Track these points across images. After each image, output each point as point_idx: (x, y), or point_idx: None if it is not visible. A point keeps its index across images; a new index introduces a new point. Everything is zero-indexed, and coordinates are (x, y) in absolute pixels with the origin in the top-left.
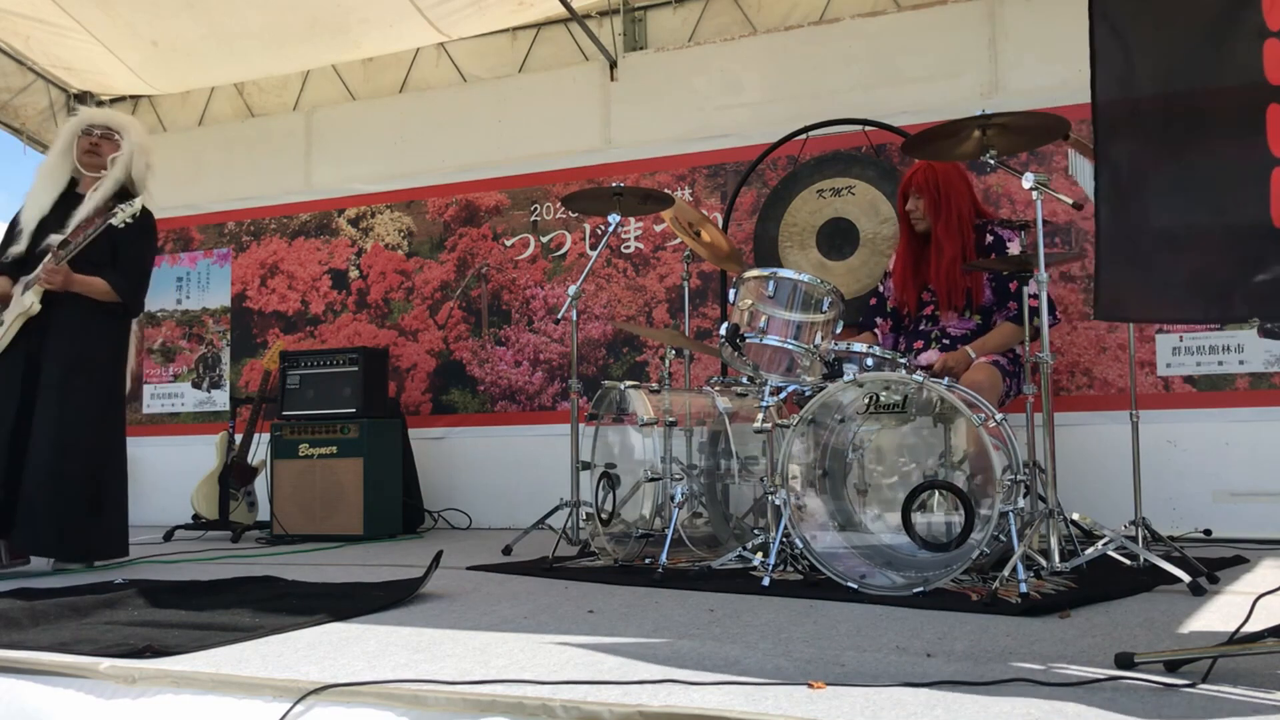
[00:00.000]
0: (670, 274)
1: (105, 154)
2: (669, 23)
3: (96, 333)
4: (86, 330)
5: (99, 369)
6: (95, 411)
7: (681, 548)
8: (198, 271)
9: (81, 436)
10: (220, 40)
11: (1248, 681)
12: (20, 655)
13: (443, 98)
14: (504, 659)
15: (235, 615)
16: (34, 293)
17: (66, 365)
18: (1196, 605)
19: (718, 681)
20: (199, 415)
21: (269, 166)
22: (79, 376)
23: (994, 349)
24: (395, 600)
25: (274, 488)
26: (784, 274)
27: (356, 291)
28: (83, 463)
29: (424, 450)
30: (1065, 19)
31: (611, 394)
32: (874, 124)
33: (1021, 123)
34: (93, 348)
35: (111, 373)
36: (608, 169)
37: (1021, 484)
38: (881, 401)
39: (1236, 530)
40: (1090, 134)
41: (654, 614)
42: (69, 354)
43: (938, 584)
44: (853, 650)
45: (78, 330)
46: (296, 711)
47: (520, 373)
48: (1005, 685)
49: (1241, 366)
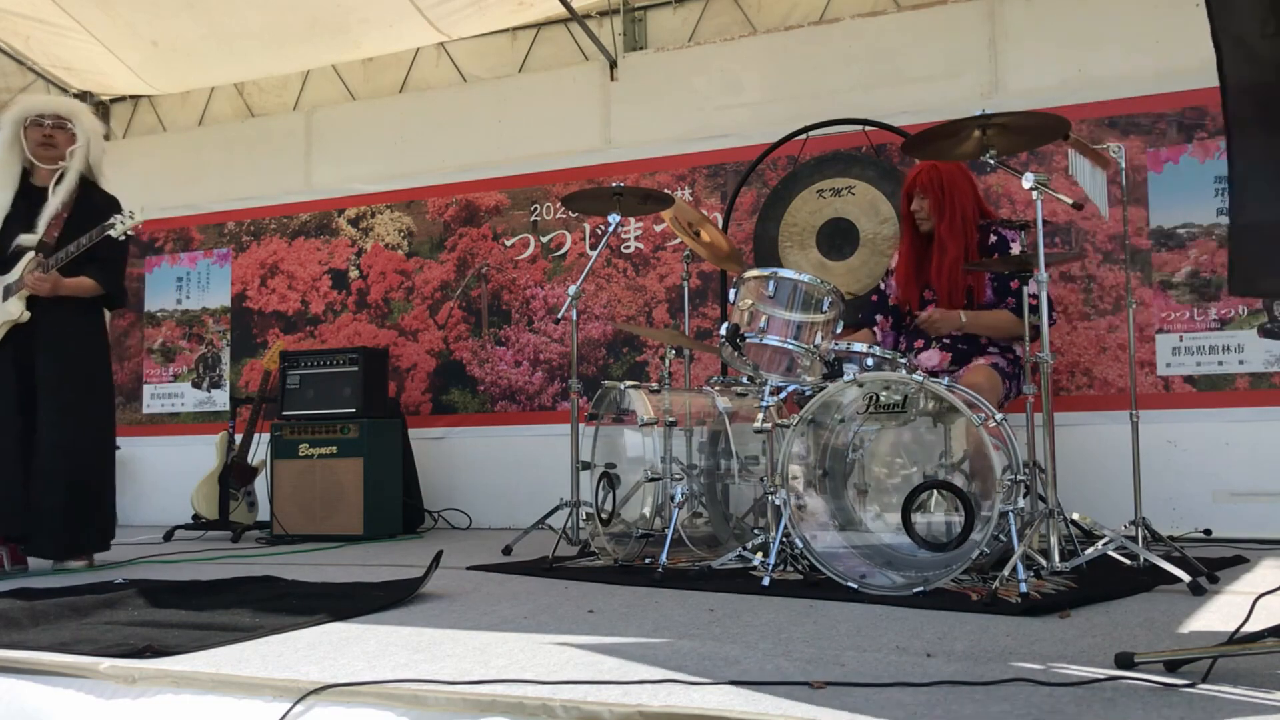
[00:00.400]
0: (670, 274)
1: (61, 145)
2: (669, 23)
3: (85, 332)
4: (77, 331)
5: (93, 369)
6: (93, 412)
7: (681, 548)
8: (198, 271)
9: (84, 440)
10: (220, 40)
11: (1248, 681)
12: (20, 655)
13: (443, 98)
14: (504, 659)
15: (235, 615)
16: (19, 299)
17: (63, 369)
18: (1196, 605)
19: (718, 681)
20: (199, 415)
21: (269, 166)
22: (77, 380)
23: (986, 326)
24: (395, 600)
25: (274, 488)
26: (784, 274)
27: (356, 291)
28: (87, 466)
29: (424, 450)
30: (1065, 19)
31: (611, 394)
32: (874, 124)
33: (1021, 123)
34: (84, 348)
35: (103, 370)
36: (608, 169)
37: (1021, 484)
38: (881, 401)
39: (1236, 530)
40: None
41: (654, 614)
42: (63, 357)
43: (938, 584)
44: (853, 650)
45: (68, 332)
46: (296, 711)
47: (520, 373)
48: (1005, 685)
49: (1241, 366)
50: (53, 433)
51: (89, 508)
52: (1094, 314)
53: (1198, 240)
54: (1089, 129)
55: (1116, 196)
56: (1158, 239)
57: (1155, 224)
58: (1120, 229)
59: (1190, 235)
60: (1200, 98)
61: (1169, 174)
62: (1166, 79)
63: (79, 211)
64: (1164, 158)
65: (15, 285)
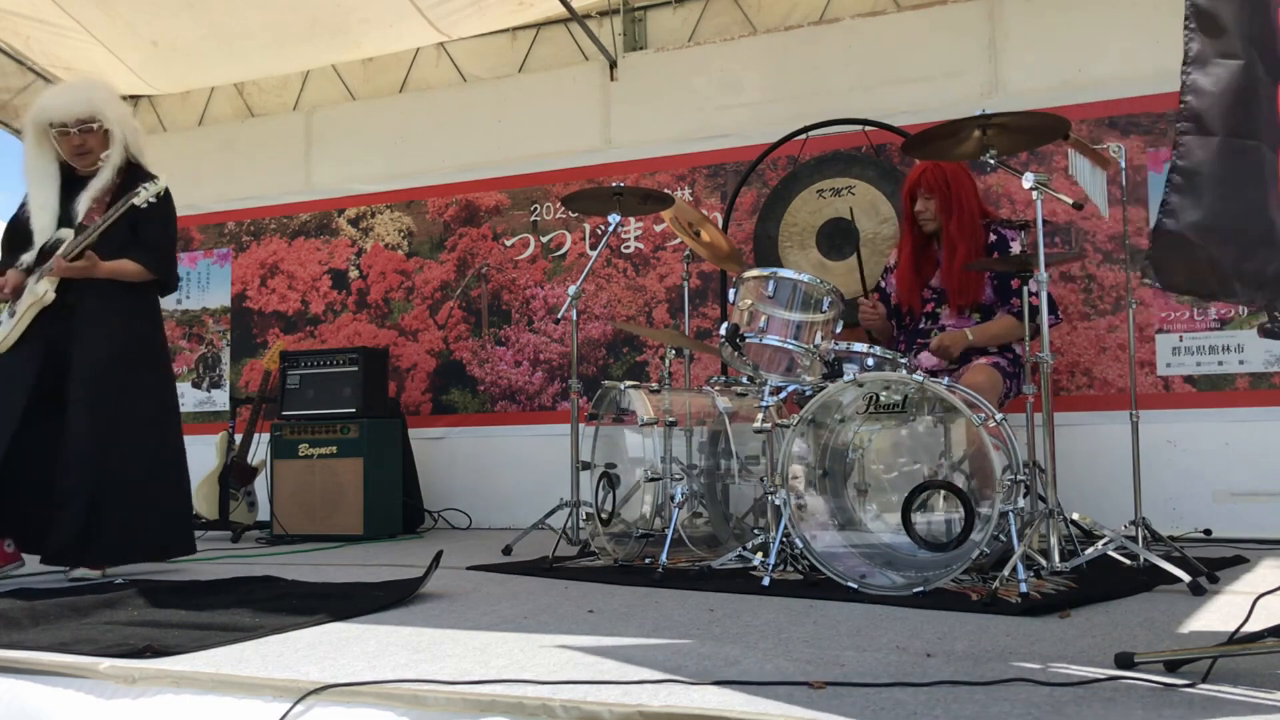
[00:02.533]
0: (670, 274)
1: (96, 149)
2: (669, 23)
3: (129, 320)
4: (120, 319)
5: (135, 363)
6: (136, 409)
7: (681, 548)
8: (198, 271)
9: (116, 441)
10: (220, 40)
11: (1248, 681)
12: (20, 655)
13: (443, 98)
14: (504, 659)
15: (235, 615)
16: (48, 281)
17: (95, 362)
18: (1196, 605)
19: (718, 681)
20: (199, 415)
21: (269, 166)
22: (111, 375)
23: (993, 337)
24: (395, 600)
25: (274, 488)
26: (784, 274)
27: (356, 291)
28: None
29: (424, 450)
30: (1065, 19)
31: (611, 394)
32: (874, 124)
33: (1021, 123)
34: (127, 339)
35: (149, 363)
36: (608, 169)
37: (1021, 484)
38: (881, 401)
39: (1236, 530)
40: (1090, 134)
41: (654, 614)
42: (105, 347)
43: (938, 584)
44: (853, 650)
45: (107, 319)
46: (296, 711)
47: (520, 373)
48: (1005, 685)
49: (1241, 366)
50: (74, 436)
51: (105, 514)
52: (1094, 314)
53: None
54: (1089, 129)
55: (1116, 196)
56: None
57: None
58: (1120, 229)
59: None
60: None
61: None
62: (1166, 79)
63: (120, 194)
64: (1164, 158)
65: (46, 269)
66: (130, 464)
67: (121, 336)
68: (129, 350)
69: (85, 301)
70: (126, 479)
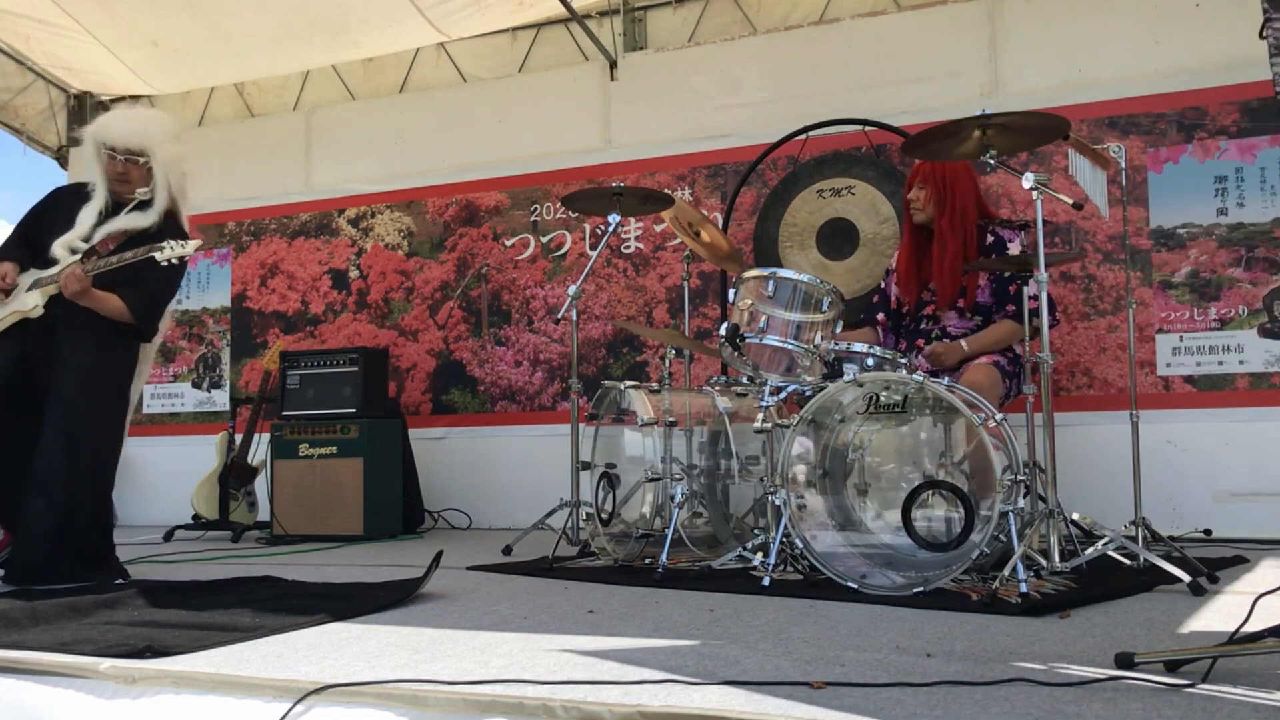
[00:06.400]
0: (670, 274)
1: (135, 181)
2: (669, 23)
3: (109, 347)
4: (100, 344)
5: (108, 388)
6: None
7: (681, 548)
8: (198, 271)
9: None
10: (220, 40)
11: (1248, 681)
12: (20, 655)
13: (443, 98)
14: (504, 659)
15: (235, 615)
16: (40, 293)
17: (76, 379)
18: (1196, 605)
19: (718, 681)
20: (199, 415)
21: (269, 166)
22: (92, 393)
23: (990, 345)
24: (395, 600)
25: (274, 488)
26: (784, 274)
27: (356, 291)
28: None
29: (424, 450)
30: (1065, 19)
31: (611, 394)
32: (874, 124)
33: (1021, 123)
34: (104, 364)
35: (118, 392)
36: (608, 169)
37: (1021, 484)
38: (881, 401)
39: (1236, 530)
40: (1090, 134)
41: (654, 614)
42: (80, 366)
43: (938, 584)
44: (853, 650)
45: (91, 342)
46: (296, 711)
47: (520, 373)
48: (1005, 685)
49: (1241, 366)
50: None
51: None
52: (1094, 314)
53: (1198, 240)
54: (1089, 129)
55: (1116, 196)
56: (1158, 239)
57: (1155, 224)
58: (1120, 229)
59: (1190, 235)
60: (1200, 98)
61: (1169, 174)
62: (1166, 79)
63: (145, 238)
64: (1164, 158)
65: (46, 279)
66: (95, 491)
67: (101, 362)
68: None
69: (70, 318)
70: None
